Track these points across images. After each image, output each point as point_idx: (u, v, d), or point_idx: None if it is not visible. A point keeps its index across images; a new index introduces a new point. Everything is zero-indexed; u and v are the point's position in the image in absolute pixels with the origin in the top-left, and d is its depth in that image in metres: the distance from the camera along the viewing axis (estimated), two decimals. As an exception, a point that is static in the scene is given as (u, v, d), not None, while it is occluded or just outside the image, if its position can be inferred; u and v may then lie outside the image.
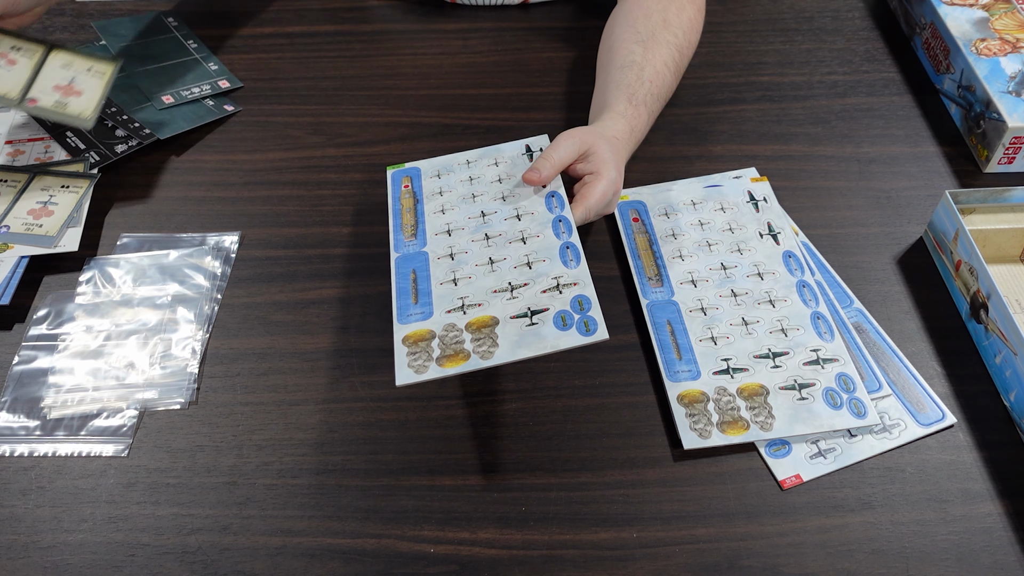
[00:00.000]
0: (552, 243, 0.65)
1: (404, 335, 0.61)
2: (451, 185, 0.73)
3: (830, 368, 0.67)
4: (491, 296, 0.62)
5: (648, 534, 0.60)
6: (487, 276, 0.64)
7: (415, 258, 0.67)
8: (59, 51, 0.79)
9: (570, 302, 0.61)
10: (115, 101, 0.87)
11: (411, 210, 0.71)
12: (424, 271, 0.66)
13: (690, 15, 0.85)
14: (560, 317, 0.60)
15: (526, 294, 0.62)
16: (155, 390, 0.67)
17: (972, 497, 0.62)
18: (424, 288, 0.65)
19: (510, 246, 0.66)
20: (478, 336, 0.60)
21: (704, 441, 0.63)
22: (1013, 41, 0.88)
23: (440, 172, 0.75)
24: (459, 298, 0.63)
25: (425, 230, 0.70)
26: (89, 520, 0.61)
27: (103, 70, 0.76)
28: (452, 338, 0.60)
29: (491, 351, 0.58)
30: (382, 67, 0.96)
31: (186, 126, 0.87)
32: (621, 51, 0.81)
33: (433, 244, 0.68)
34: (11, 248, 0.75)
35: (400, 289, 0.65)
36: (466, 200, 0.71)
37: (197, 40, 0.96)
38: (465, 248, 0.67)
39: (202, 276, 0.75)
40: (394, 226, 0.71)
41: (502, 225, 0.68)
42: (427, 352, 0.59)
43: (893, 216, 0.81)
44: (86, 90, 0.75)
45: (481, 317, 0.61)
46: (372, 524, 0.60)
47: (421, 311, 0.63)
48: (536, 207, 0.69)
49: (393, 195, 0.74)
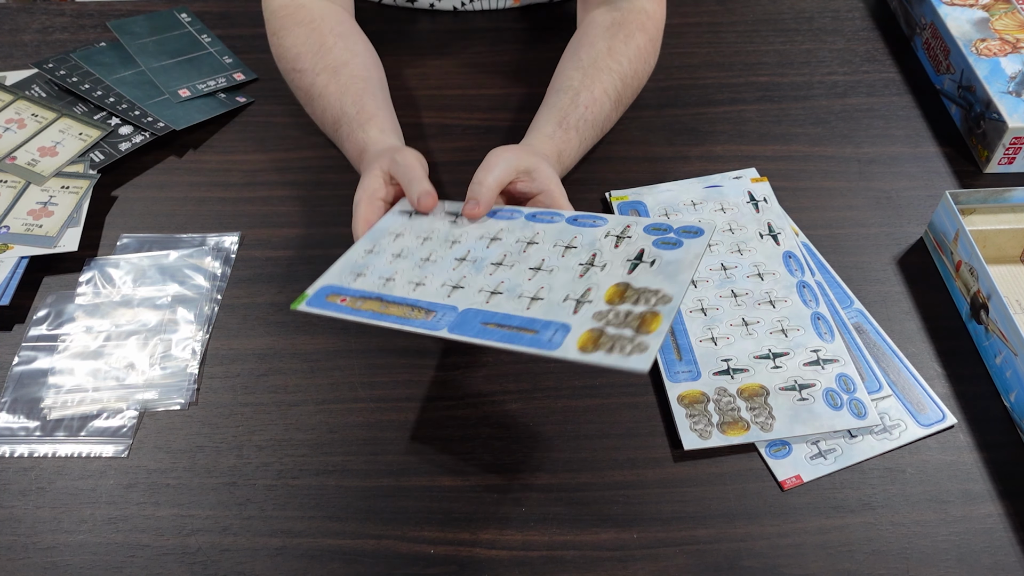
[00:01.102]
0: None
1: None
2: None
3: (830, 369, 0.67)
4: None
5: (648, 535, 0.60)
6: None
7: None
8: (65, 118, 0.85)
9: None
10: (128, 97, 0.88)
11: None
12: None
13: (639, 44, 0.81)
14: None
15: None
16: (155, 391, 0.67)
17: (972, 498, 0.62)
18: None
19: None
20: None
21: (704, 442, 0.63)
22: (1013, 41, 0.88)
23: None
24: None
25: None
26: (89, 521, 0.61)
27: (80, 186, 0.79)
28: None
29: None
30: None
31: (200, 117, 0.88)
32: (560, 78, 0.79)
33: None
34: (11, 248, 0.75)
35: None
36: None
37: (211, 35, 0.97)
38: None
39: (202, 277, 0.75)
40: None
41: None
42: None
43: (893, 216, 0.81)
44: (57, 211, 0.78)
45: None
46: (372, 525, 0.60)
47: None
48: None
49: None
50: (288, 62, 0.82)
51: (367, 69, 0.80)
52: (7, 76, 0.92)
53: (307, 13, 0.82)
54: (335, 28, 0.82)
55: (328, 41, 0.80)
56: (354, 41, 0.82)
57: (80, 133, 0.85)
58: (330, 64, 0.79)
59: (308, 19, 0.82)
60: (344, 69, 0.79)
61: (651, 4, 0.83)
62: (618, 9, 0.82)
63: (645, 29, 0.82)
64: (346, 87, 0.77)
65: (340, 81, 0.78)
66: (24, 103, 0.88)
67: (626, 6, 0.82)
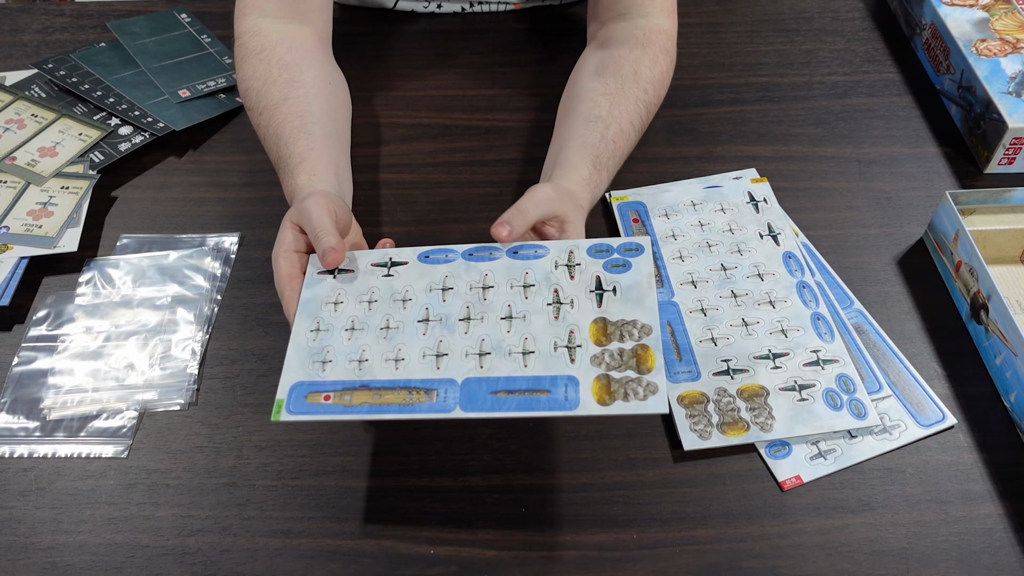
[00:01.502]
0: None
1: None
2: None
3: (830, 369, 0.67)
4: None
5: (648, 535, 0.60)
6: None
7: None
8: (65, 118, 0.85)
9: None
10: (128, 97, 0.89)
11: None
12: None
13: (662, 68, 0.80)
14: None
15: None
16: (155, 391, 0.67)
17: (972, 498, 0.62)
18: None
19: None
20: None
21: (704, 442, 0.63)
22: (1013, 42, 0.88)
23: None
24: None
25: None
26: (89, 521, 0.61)
27: (80, 186, 0.79)
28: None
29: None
30: (381, 67, 0.96)
31: (200, 118, 0.88)
32: (587, 102, 0.76)
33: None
34: (11, 249, 0.75)
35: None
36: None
37: (211, 35, 0.97)
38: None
39: (202, 277, 0.75)
40: None
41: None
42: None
43: (893, 217, 0.81)
44: (56, 211, 0.78)
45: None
46: (372, 525, 0.60)
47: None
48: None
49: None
50: (242, 98, 0.78)
51: (307, 102, 0.74)
52: (7, 76, 0.92)
53: (260, 41, 0.77)
54: (283, 57, 0.76)
55: (272, 74, 0.75)
56: (300, 71, 0.76)
57: (80, 133, 0.85)
58: (270, 102, 0.74)
59: (260, 48, 0.77)
60: (283, 106, 0.74)
61: (667, 21, 0.82)
62: (637, 27, 0.81)
63: (667, 52, 0.81)
64: (281, 127, 0.73)
65: (277, 120, 0.73)
66: (24, 103, 0.88)
67: (644, 23, 0.81)
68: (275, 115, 0.74)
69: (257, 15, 0.79)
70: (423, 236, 0.78)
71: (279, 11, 0.79)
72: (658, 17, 0.81)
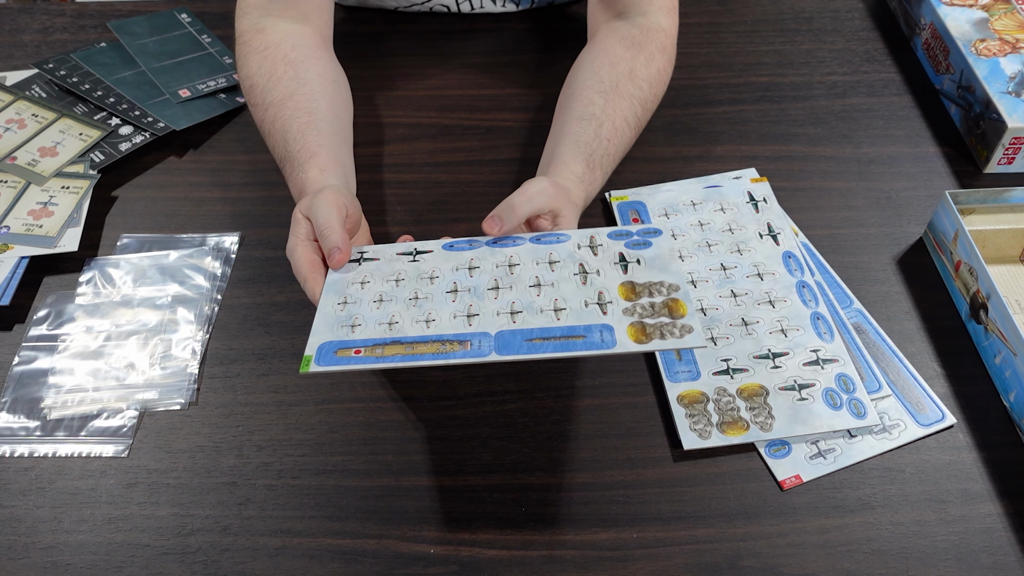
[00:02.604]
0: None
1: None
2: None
3: (830, 369, 0.67)
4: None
5: (648, 534, 0.60)
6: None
7: None
8: (65, 118, 0.85)
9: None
10: (128, 97, 0.89)
11: None
12: None
13: (659, 66, 0.79)
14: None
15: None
16: (155, 390, 0.67)
17: (972, 497, 0.62)
18: None
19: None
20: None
21: (704, 441, 0.63)
22: (1013, 42, 0.89)
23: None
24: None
25: None
26: (89, 521, 0.61)
27: (80, 186, 0.79)
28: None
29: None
30: (381, 67, 0.96)
31: (200, 117, 0.88)
32: (581, 99, 0.75)
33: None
34: (11, 248, 0.75)
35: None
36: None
37: (211, 35, 0.97)
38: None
39: (202, 277, 0.75)
40: None
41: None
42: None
43: (893, 216, 0.81)
44: (57, 211, 0.78)
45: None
46: (372, 525, 0.60)
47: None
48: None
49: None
50: (245, 94, 0.78)
51: (314, 99, 0.74)
52: (7, 76, 0.92)
53: (264, 39, 0.78)
54: (288, 54, 0.77)
55: (278, 70, 0.76)
56: (305, 68, 0.76)
57: (80, 133, 0.85)
58: (276, 98, 0.74)
59: (263, 46, 0.77)
60: (289, 102, 0.74)
61: (667, 20, 0.82)
62: (635, 25, 0.80)
63: (664, 50, 0.81)
64: (289, 122, 0.73)
65: (284, 116, 0.73)
66: (24, 103, 0.88)
67: (642, 21, 0.80)
68: (282, 111, 0.74)
69: (259, 14, 0.79)
70: (423, 236, 0.77)
71: (281, 10, 0.79)
72: (657, 15, 0.81)
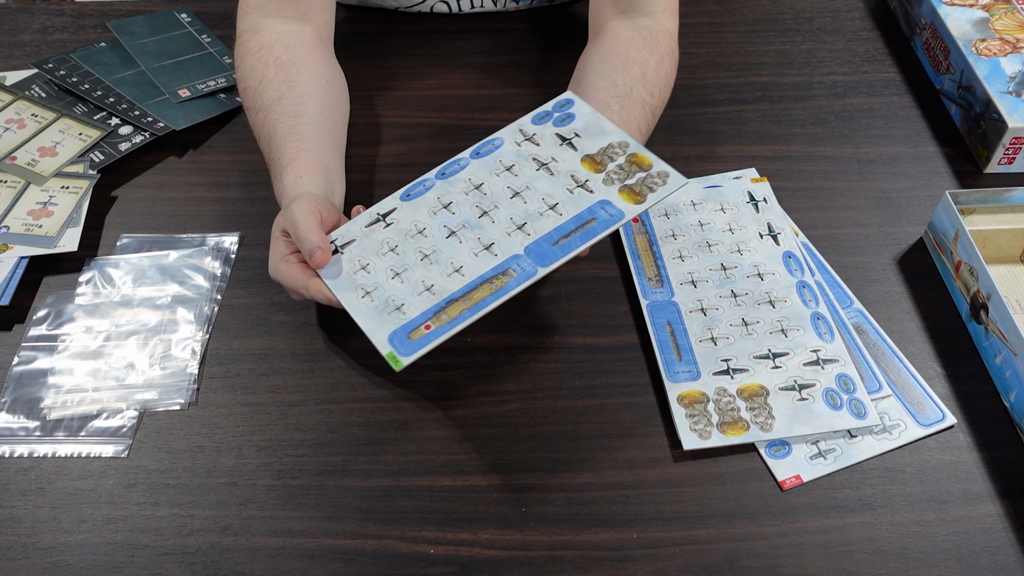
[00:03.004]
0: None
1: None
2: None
3: (830, 369, 0.67)
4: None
5: (648, 535, 0.60)
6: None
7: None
8: (65, 118, 0.85)
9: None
10: (128, 97, 0.88)
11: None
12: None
13: (667, 71, 0.79)
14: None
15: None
16: (155, 391, 0.67)
17: (972, 498, 0.62)
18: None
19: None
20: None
21: (704, 442, 0.63)
22: (1013, 41, 0.89)
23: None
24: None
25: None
26: (89, 521, 0.61)
27: (80, 186, 0.79)
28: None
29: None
30: (381, 67, 0.96)
31: (200, 117, 0.88)
32: (597, 102, 0.74)
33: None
34: (11, 248, 0.75)
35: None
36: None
37: (211, 35, 0.97)
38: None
39: (202, 277, 0.75)
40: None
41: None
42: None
43: (893, 216, 0.81)
44: (56, 211, 0.78)
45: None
46: (372, 525, 0.60)
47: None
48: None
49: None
50: (241, 96, 0.79)
51: (301, 103, 0.74)
52: (7, 76, 0.92)
53: (259, 40, 0.78)
54: (281, 56, 0.77)
55: (268, 73, 0.76)
56: (297, 70, 0.76)
57: (80, 133, 0.85)
58: (265, 102, 0.75)
59: (258, 47, 0.77)
60: (276, 106, 0.74)
61: (671, 22, 0.82)
62: (642, 25, 0.80)
63: (672, 54, 0.81)
64: (274, 128, 0.73)
65: (271, 121, 0.74)
66: (24, 103, 0.88)
67: (648, 22, 0.80)
68: (269, 115, 0.74)
69: (258, 14, 0.79)
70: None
71: (280, 10, 0.79)
72: (662, 17, 0.81)
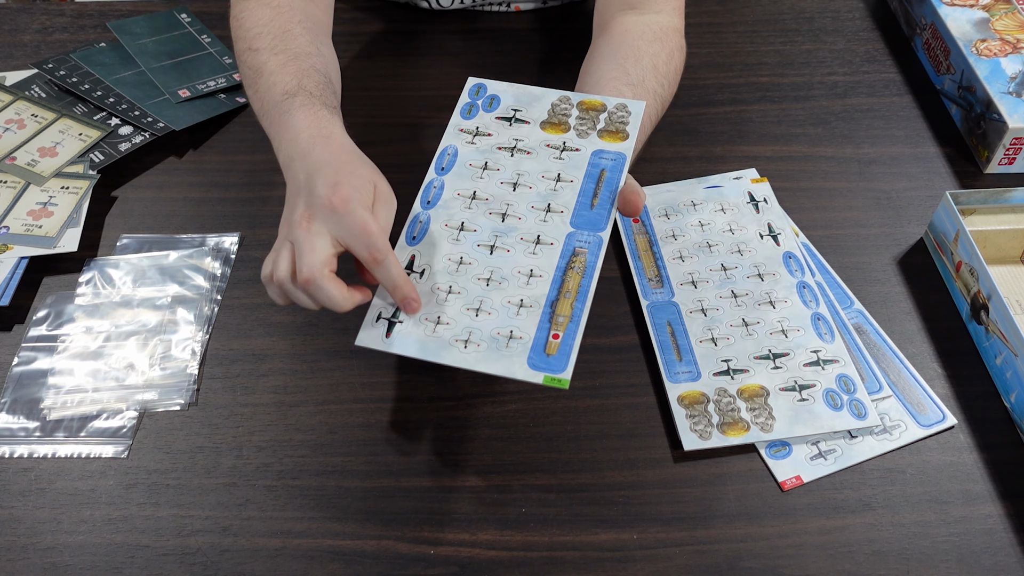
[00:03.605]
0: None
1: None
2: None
3: (830, 369, 0.67)
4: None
5: (648, 535, 0.60)
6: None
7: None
8: (65, 118, 0.85)
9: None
10: (128, 97, 0.88)
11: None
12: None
13: (677, 65, 0.78)
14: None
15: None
16: (155, 391, 0.67)
17: (973, 498, 0.62)
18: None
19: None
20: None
21: (704, 442, 0.63)
22: (1013, 42, 0.88)
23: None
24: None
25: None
26: (89, 521, 0.61)
27: (80, 186, 0.79)
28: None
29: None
30: (382, 67, 0.96)
31: (200, 118, 0.88)
32: (610, 90, 0.72)
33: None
34: (11, 249, 0.75)
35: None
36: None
37: (211, 35, 0.97)
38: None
39: (202, 277, 0.75)
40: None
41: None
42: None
43: (893, 217, 0.81)
44: (56, 211, 0.78)
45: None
46: (372, 525, 0.60)
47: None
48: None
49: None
50: (245, 41, 0.73)
51: (329, 72, 0.71)
52: (7, 76, 0.92)
53: (272, 7, 0.74)
54: (303, 21, 0.74)
55: (295, 29, 0.72)
56: (321, 41, 0.74)
57: (80, 133, 0.85)
58: (292, 48, 0.70)
59: (276, 3, 0.74)
60: (307, 59, 0.69)
61: (678, 20, 0.81)
62: (652, 22, 0.80)
63: (682, 49, 0.80)
64: (307, 73, 0.67)
65: (300, 66, 0.68)
66: (24, 103, 0.88)
67: (656, 19, 0.80)
68: (298, 61, 0.68)
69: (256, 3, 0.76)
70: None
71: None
72: (670, 15, 0.81)
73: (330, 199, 0.55)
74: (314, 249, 0.55)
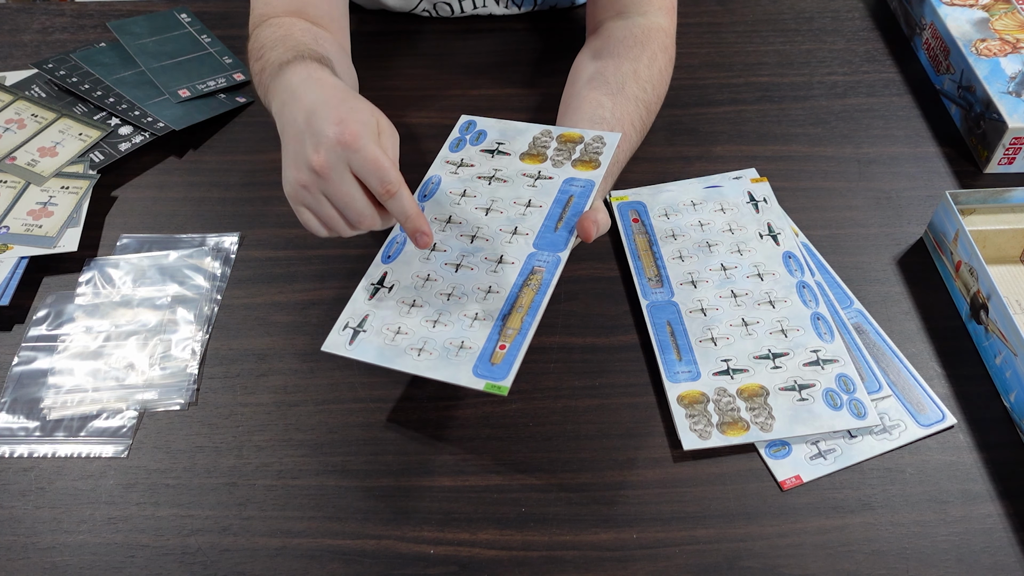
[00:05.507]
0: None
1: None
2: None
3: (830, 369, 0.67)
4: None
5: (648, 535, 0.60)
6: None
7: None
8: (65, 118, 0.85)
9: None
10: (128, 97, 0.88)
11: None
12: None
13: (661, 66, 0.79)
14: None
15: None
16: (155, 391, 0.67)
17: (972, 498, 0.62)
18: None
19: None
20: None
21: (704, 442, 0.63)
22: (1013, 41, 0.88)
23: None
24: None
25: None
26: (89, 521, 0.61)
27: (80, 186, 0.79)
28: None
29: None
30: (382, 68, 0.96)
31: (200, 117, 0.88)
32: (590, 101, 0.74)
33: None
34: (11, 249, 0.75)
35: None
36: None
37: (211, 35, 0.97)
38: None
39: (202, 277, 0.75)
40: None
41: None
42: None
43: (893, 217, 0.81)
44: (56, 211, 0.78)
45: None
46: (372, 525, 0.60)
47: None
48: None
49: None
50: (256, 52, 0.73)
51: (331, 56, 0.70)
52: (7, 76, 0.92)
53: (293, 21, 0.75)
54: (307, 30, 0.74)
55: (297, 35, 0.72)
56: (327, 41, 0.74)
57: (80, 133, 0.85)
58: (290, 42, 0.70)
59: (287, 23, 0.74)
60: (305, 45, 0.69)
61: (666, 20, 0.82)
62: (636, 24, 0.80)
63: (666, 50, 0.80)
64: (303, 47, 0.67)
65: (297, 45, 0.68)
66: (24, 103, 0.88)
67: (642, 21, 0.80)
68: (304, 34, 0.70)
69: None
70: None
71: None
72: (656, 15, 0.81)
73: (340, 137, 0.55)
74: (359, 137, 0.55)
